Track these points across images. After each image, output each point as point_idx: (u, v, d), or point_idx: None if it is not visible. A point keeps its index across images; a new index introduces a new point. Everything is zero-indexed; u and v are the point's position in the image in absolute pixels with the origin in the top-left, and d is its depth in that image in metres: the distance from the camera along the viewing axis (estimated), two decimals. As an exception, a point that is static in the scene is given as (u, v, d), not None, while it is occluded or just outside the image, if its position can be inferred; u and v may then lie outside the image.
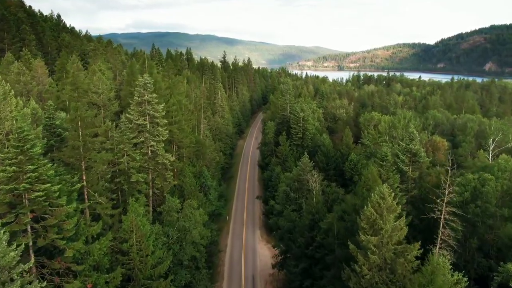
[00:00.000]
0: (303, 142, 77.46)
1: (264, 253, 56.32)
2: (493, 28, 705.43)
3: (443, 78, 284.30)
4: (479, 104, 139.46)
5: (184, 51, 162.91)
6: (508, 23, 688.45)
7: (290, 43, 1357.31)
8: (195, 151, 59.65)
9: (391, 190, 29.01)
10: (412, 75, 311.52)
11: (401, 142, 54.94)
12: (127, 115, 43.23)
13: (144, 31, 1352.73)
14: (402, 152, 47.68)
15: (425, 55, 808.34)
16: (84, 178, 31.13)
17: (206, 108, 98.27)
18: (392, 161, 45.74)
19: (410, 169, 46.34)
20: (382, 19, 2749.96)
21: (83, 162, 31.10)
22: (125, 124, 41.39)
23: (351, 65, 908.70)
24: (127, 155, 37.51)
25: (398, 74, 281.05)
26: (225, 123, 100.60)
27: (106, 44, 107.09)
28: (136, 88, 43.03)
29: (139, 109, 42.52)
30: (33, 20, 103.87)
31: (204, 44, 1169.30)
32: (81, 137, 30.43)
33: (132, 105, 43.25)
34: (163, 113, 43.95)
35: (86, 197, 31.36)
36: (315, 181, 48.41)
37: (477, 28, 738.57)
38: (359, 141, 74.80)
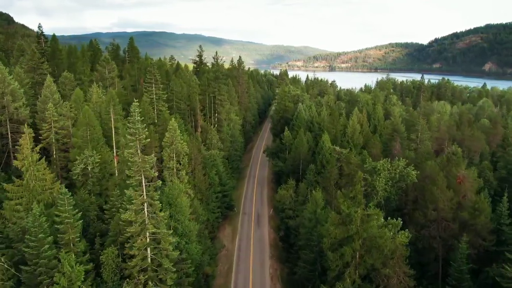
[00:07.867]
0: None
1: None
2: (489, 27, 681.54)
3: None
4: None
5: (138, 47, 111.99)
6: (504, 22, 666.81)
7: (278, 42, 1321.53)
8: None
9: None
10: (411, 76, 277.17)
11: None
12: None
13: (129, 30, 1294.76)
14: None
15: (419, 55, 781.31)
16: None
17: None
18: None
19: None
20: (371, 18, 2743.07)
21: None
22: None
23: (343, 65, 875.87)
24: None
25: (398, 74, 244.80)
26: (185, 232, 40.98)
27: None
28: None
29: None
30: None
31: (191, 44, 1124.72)
32: None
33: None
34: None
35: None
36: None
37: (472, 28, 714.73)
38: None
